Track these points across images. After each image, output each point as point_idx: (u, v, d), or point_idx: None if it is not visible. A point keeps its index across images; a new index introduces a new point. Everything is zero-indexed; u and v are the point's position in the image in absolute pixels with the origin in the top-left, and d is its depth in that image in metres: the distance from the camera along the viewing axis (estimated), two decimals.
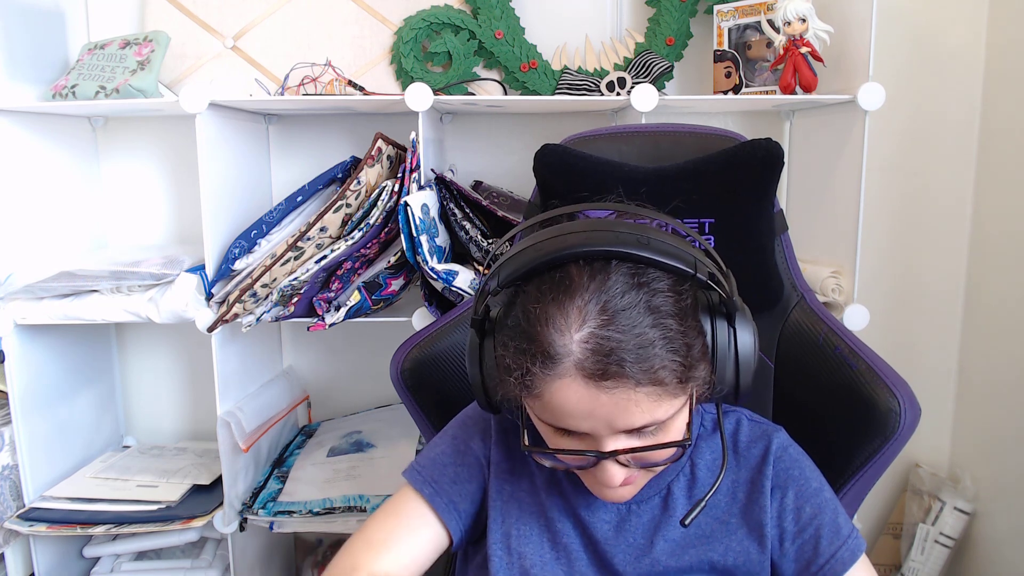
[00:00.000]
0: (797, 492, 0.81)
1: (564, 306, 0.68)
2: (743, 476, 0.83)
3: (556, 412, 0.69)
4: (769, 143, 1.00)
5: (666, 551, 0.81)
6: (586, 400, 0.67)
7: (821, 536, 0.79)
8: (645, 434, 0.71)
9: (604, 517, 0.82)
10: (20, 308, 1.40)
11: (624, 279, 0.68)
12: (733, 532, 0.81)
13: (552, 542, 0.83)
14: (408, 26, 1.55)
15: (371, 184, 1.33)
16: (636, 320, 0.67)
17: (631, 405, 0.67)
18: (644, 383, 0.66)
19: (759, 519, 0.80)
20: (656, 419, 0.69)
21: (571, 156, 1.06)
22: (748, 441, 0.85)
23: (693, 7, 1.56)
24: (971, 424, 1.71)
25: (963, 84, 1.66)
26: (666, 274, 0.70)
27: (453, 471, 0.86)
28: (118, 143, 1.68)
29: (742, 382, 0.73)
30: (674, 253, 0.69)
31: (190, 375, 1.77)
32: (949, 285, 1.73)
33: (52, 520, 1.39)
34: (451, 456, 0.87)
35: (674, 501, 0.82)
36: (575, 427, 0.70)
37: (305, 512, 1.42)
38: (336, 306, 1.37)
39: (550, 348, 0.67)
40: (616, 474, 0.72)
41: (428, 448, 0.90)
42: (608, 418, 0.68)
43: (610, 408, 0.67)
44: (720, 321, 0.72)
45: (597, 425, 0.69)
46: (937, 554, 1.66)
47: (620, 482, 0.73)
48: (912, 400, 0.92)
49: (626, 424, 0.68)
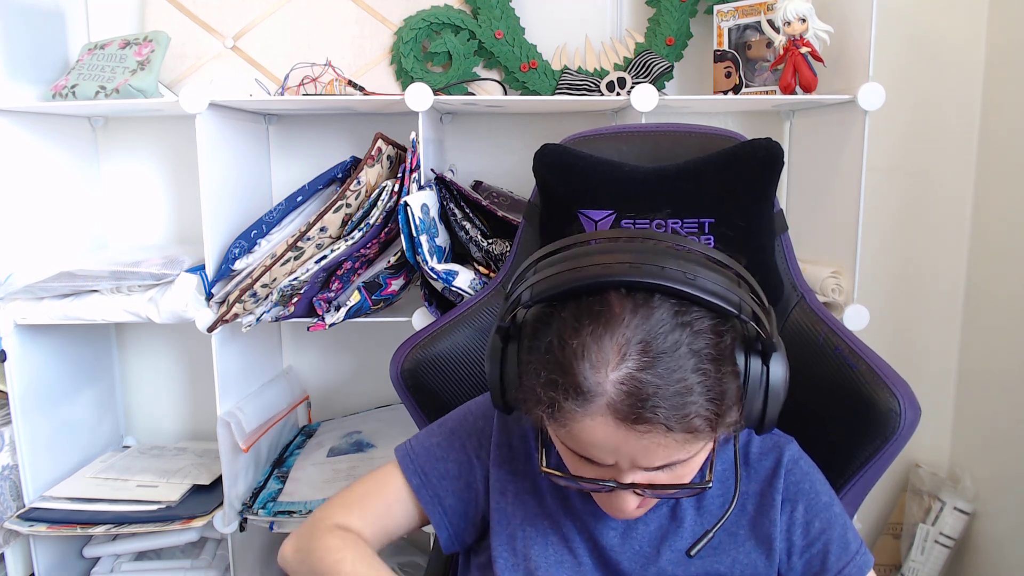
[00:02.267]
0: (807, 506, 0.81)
1: (602, 340, 0.65)
2: (753, 488, 0.82)
3: (581, 444, 0.68)
4: (769, 143, 1.00)
5: (672, 561, 0.80)
6: (613, 439, 0.66)
7: (830, 551, 0.79)
8: (665, 468, 0.70)
9: (611, 524, 0.82)
10: (20, 308, 1.40)
11: (667, 317, 0.65)
12: (741, 544, 0.80)
13: (558, 545, 0.82)
14: (408, 26, 1.55)
15: (371, 184, 1.33)
16: (677, 365, 0.64)
17: (660, 448, 0.65)
18: (677, 430, 0.64)
19: (768, 532, 0.80)
20: (679, 459, 0.68)
21: (571, 156, 1.06)
22: (759, 453, 0.84)
23: (693, 7, 1.56)
24: (971, 424, 1.71)
25: (963, 84, 1.66)
26: (709, 312, 0.67)
27: (444, 466, 0.86)
28: (118, 143, 1.68)
29: (768, 417, 0.71)
30: (720, 293, 0.66)
31: (190, 375, 1.77)
32: (949, 285, 1.73)
33: (52, 520, 1.39)
34: (444, 450, 0.87)
35: (682, 512, 0.82)
36: (599, 459, 0.69)
37: (305, 512, 1.42)
38: (336, 306, 1.37)
39: (583, 384, 0.64)
40: (631, 503, 0.73)
41: (426, 434, 0.89)
42: (633, 456, 0.67)
43: (637, 449, 0.66)
44: (755, 358, 0.70)
45: (621, 460, 0.68)
46: (937, 554, 1.66)
47: (634, 512, 0.74)
48: (912, 400, 0.92)
49: (649, 463, 0.68)
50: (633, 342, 0.64)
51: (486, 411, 0.89)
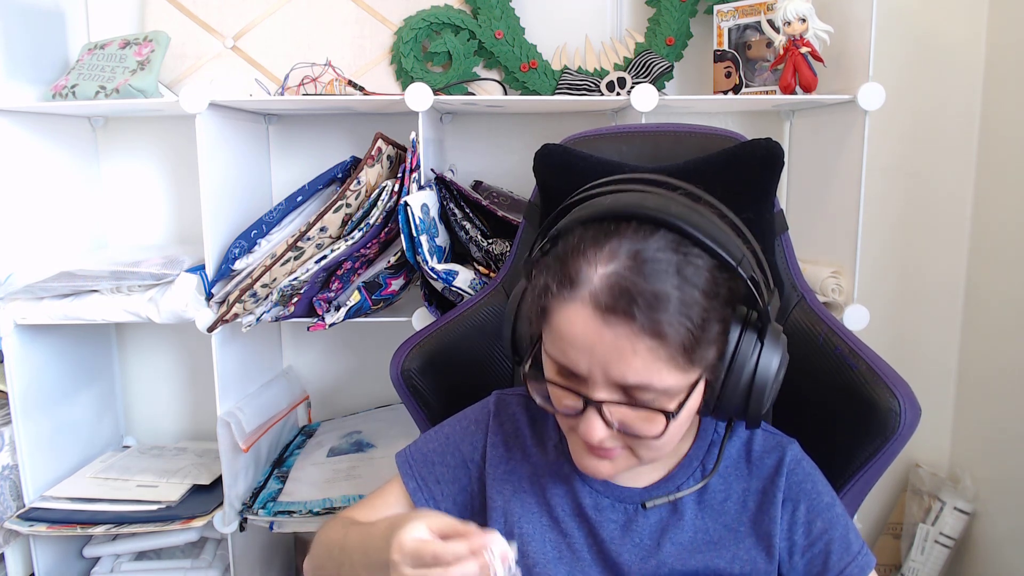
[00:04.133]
0: (809, 506, 0.81)
1: (600, 244, 0.70)
2: (755, 485, 0.83)
3: (562, 341, 0.71)
4: (769, 143, 1.00)
5: (673, 554, 0.81)
6: (590, 332, 0.68)
7: (831, 551, 0.79)
8: (638, 401, 0.70)
9: (612, 517, 0.82)
10: (20, 308, 1.40)
11: (666, 244, 0.69)
12: (741, 540, 0.81)
13: (556, 541, 0.83)
14: (408, 26, 1.55)
15: (371, 184, 1.33)
16: (661, 275, 0.68)
17: (629, 353, 0.67)
18: (647, 333, 0.66)
19: (768, 530, 0.80)
20: (650, 382, 0.68)
21: (571, 156, 1.06)
22: (762, 451, 0.85)
23: (693, 7, 1.56)
24: (971, 424, 1.71)
25: (963, 84, 1.66)
26: (710, 257, 0.70)
27: (440, 470, 0.88)
28: (118, 143, 1.68)
29: (752, 403, 0.73)
30: (723, 243, 0.70)
31: (190, 375, 1.77)
32: (949, 285, 1.73)
33: (52, 520, 1.39)
34: (439, 455, 0.89)
35: (683, 506, 0.82)
36: (574, 363, 0.70)
37: (305, 512, 1.42)
38: (336, 306, 1.37)
39: (574, 274, 0.70)
40: (596, 427, 0.71)
41: (422, 440, 0.92)
42: (605, 359, 0.68)
43: (609, 349, 0.68)
44: (750, 335, 0.72)
45: (594, 366, 0.69)
46: (937, 554, 1.66)
47: (598, 439, 0.71)
48: (912, 400, 0.92)
49: (620, 373, 0.68)
50: (627, 249, 0.69)
51: (480, 416, 0.90)
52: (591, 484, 0.84)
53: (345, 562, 0.79)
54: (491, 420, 0.89)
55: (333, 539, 0.84)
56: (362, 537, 0.77)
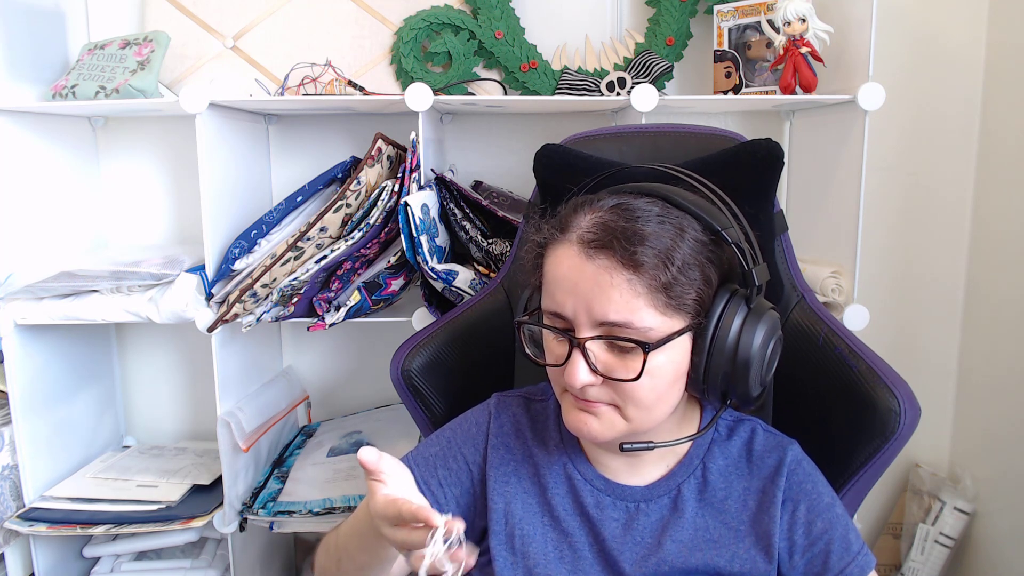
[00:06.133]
0: (809, 506, 0.81)
1: (593, 201, 0.78)
2: (755, 485, 0.83)
3: (551, 284, 0.77)
4: (769, 143, 1.00)
5: (673, 552, 0.81)
6: (575, 269, 0.74)
7: (831, 551, 0.79)
8: (615, 328, 0.73)
9: (613, 515, 0.83)
10: (20, 308, 1.40)
11: (655, 206, 0.75)
12: (741, 539, 0.81)
13: (557, 540, 0.83)
14: (408, 26, 1.55)
15: (371, 184, 1.33)
16: (642, 219, 0.73)
17: (608, 286, 0.72)
18: (625, 266, 0.71)
19: (767, 529, 0.81)
20: (630, 320, 0.71)
21: (571, 156, 1.06)
22: (762, 451, 0.85)
23: (693, 7, 1.56)
24: (971, 424, 1.71)
25: (963, 84, 1.66)
26: (695, 221, 0.75)
27: (442, 473, 0.88)
28: (118, 143, 1.68)
29: (739, 373, 0.75)
30: (711, 214, 0.76)
31: (190, 375, 1.77)
32: (949, 285, 1.73)
33: (52, 520, 1.39)
34: (441, 459, 0.89)
35: (684, 502, 0.83)
36: (561, 304, 0.75)
37: (305, 512, 1.42)
38: (336, 306, 1.37)
39: (568, 220, 0.77)
40: (580, 369, 0.74)
41: (425, 445, 0.92)
42: (588, 296, 0.73)
43: (591, 284, 0.72)
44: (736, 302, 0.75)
45: (578, 305, 0.73)
46: (937, 554, 1.66)
47: (582, 382, 0.74)
48: (912, 400, 0.92)
49: (602, 309, 0.72)
50: (616, 201, 0.77)
51: (481, 418, 0.91)
52: (592, 482, 0.84)
53: (343, 556, 0.82)
54: (491, 422, 0.90)
55: (330, 541, 0.87)
56: (350, 524, 0.82)
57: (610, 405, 0.76)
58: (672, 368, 0.74)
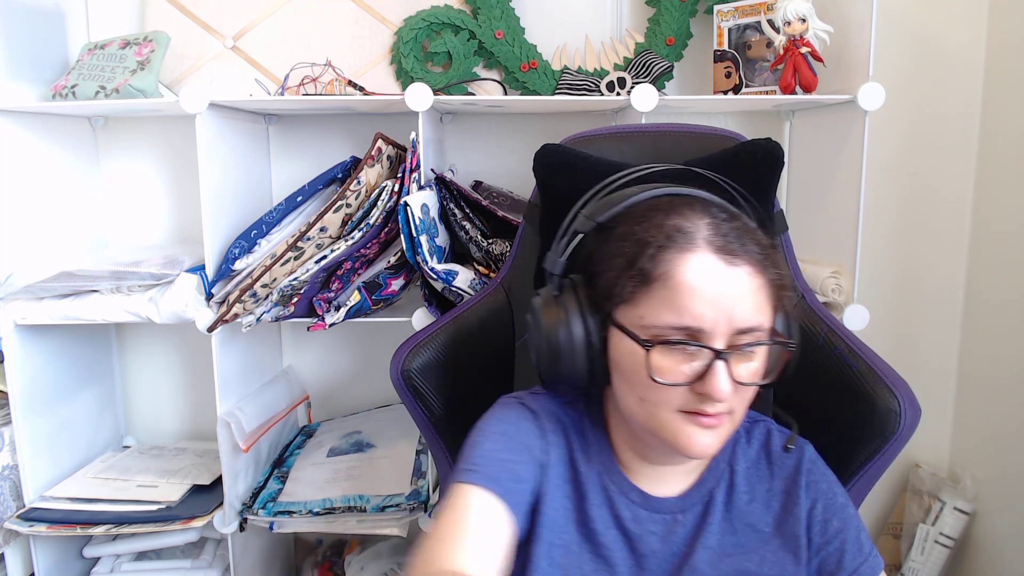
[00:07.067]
0: (825, 505, 0.82)
1: (680, 206, 0.75)
2: (777, 486, 0.83)
3: (684, 296, 0.71)
4: (769, 143, 1.00)
5: (704, 559, 0.80)
6: (717, 277, 0.71)
7: (846, 551, 0.79)
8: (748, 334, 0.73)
9: (651, 528, 0.81)
10: (20, 308, 1.39)
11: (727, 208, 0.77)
12: (768, 542, 0.81)
13: (593, 554, 0.81)
14: (408, 26, 1.55)
15: (371, 184, 1.33)
16: (743, 223, 0.75)
17: (748, 295, 0.71)
18: (757, 271, 0.72)
19: (794, 531, 0.80)
20: (760, 323, 0.72)
21: (571, 156, 1.06)
22: (780, 451, 0.85)
23: (693, 7, 1.56)
24: (971, 424, 1.71)
25: (963, 84, 1.66)
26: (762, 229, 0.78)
27: (514, 468, 0.78)
28: (118, 143, 1.68)
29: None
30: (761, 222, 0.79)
31: (190, 375, 1.77)
32: (949, 285, 1.73)
33: (52, 520, 1.39)
34: (505, 452, 0.79)
35: (715, 508, 0.82)
36: (699, 316, 0.70)
37: (305, 512, 1.42)
38: (336, 306, 1.37)
39: (683, 225, 0.73)
40: (724, 380, 0.70)
41: (475, 449, 0.80)
42: (730, 304, 0.70)
43: (734, 292, 0.71)
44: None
45: (719, 314, 0.70)
46: (937, 554, 1.66)
47: (726, 392, 0.70)
48: (912, 400, 0.92)
49: (743, 316, 0.71)
50: (705, 207, 0.75)
51: (524, 416, 0.84)
52: (628, 495, 0.82)
53: None
54: (542, 422, 0.83)
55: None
56: None
57: (726, 414, 0.74)
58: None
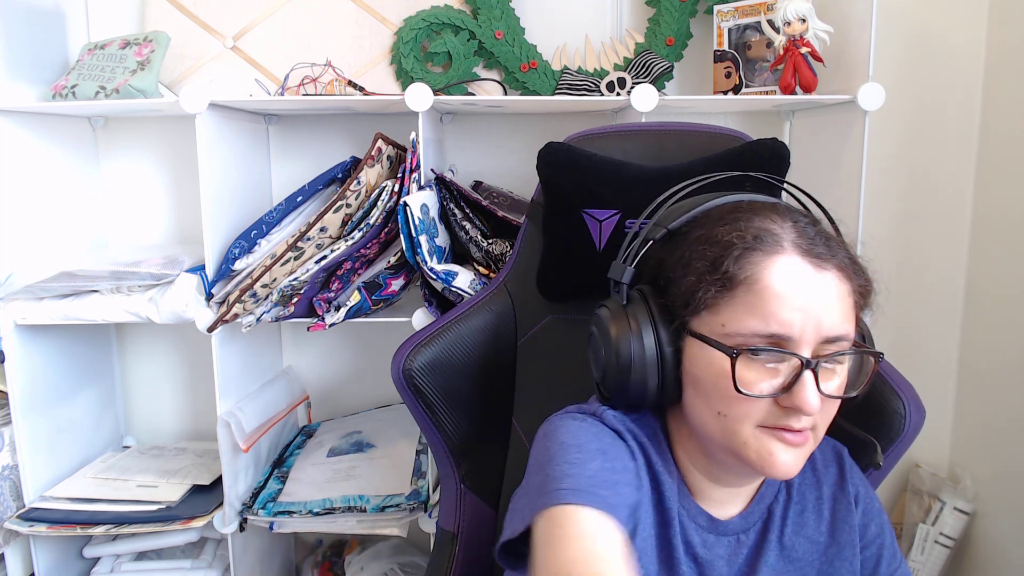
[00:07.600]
0: (864, 508, 0.81)
1: (763, 209, 0.72)
2: (826, 493, 0.82)
3: (771, 302, 0.67)
4: (775, 143, 1.00)
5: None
6: (806, 281, 0.68)
7: (882, 556, 0.79)
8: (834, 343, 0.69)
9: (720, 552, 0.78)
10: (20, 308, 1.39)
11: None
12: (823, 552, 0.80)
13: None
14: (408, 26, 1.55)
15: (371, 184, 1.33)
16: (822, 226, 0.73)
17: (836, 302, 0.68)
18: (845, 276, 0.70)
19: (850, 539, 0.79)
20: (848, 332, 0.69)
21: (575, 154, 1.05)
22: (824, 458, 0.84)
23: (693, 7, 1.56)
24: (971, 424, 1.71)
25: (963, 84, 1.66)
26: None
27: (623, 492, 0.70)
28: (118, 143, 1.68)
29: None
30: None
31: (190, 375, 1.77)
32: (949, 285, 1.73)
33: (52, 520, 1.39)
34: (612, 474, 0.70)
35: (773, 523, 0.81)
36: (787, 323, 0.66)
37: (305, 512, 1.42)
38: (336, 306, 1.37)
39: (769, 227, 0.70)
40: (812, 391, 0.67)
41: (578, 467, 0.69)
42: (819, 311, 0.67)
43: (823, 298, 0.68)
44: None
45: (807, 321, 0.67)
46: (937, 554, 1.66)
47: (815, 405, 0.66)
48: (917, 403, 0.92)
49: (831, 324, 0.68)
50: (785, 211, 0.73)
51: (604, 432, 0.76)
52: (695, 519, 0.78)
53: None
54: (629, 443, 0.76)
55: None
56: None
57: (810, 430, 0.70)
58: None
